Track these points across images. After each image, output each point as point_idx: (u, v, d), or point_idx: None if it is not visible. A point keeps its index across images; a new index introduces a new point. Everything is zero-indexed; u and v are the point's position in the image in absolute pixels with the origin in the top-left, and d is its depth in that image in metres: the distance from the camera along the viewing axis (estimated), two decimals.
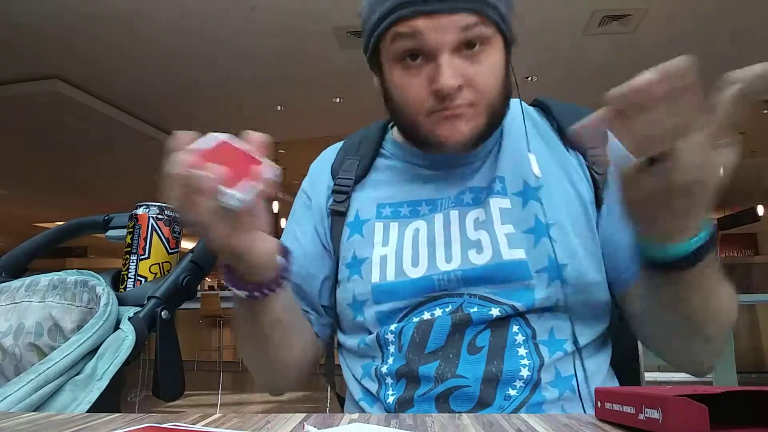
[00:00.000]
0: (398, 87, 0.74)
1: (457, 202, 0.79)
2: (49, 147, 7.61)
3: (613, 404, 0.41)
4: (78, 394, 0.61)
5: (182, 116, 7.02)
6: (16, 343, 0.73)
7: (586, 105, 0.81)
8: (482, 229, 0.76)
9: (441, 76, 0.69)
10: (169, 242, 0.81)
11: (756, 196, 10.24)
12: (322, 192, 0.88)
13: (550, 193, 0.76)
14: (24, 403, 0.57)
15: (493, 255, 0.74)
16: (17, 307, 0.76)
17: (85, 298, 0.73)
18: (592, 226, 0.76)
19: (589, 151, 0.78)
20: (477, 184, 0.80)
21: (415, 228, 0.79)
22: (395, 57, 0.73)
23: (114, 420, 0.44)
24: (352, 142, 0.92)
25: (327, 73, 5.83)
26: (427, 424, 0.41)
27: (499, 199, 0.77)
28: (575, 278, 0.72)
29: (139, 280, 0.78)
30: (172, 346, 0.75)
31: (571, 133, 0.53)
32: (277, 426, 0.41)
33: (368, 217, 0.82)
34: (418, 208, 0.81)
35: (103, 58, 5.39)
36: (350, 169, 0.87)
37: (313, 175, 0.92)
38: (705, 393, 0.35)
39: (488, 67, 0.72)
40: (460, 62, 0.70)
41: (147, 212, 0.80)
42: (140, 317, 0.71)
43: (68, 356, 0.62)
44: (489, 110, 0.73)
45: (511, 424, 0.41)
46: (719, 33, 4.98)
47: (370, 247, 0.80)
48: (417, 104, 0.73)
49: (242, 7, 4.55)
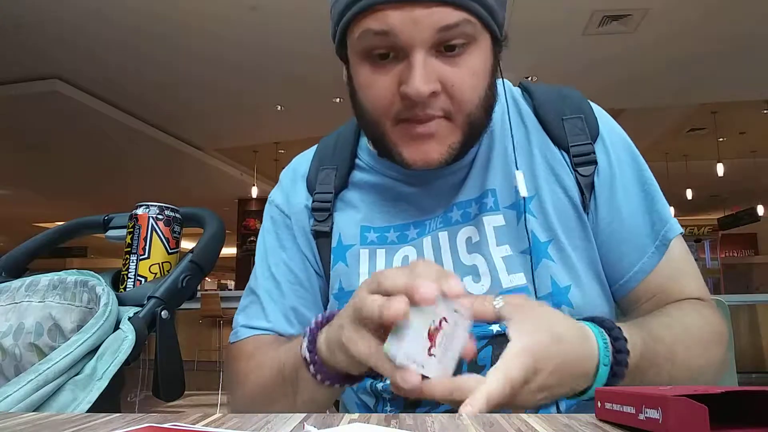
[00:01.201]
0: (363, 86, 0.65)
1: (445, 222, 0.73)
2: (49, 147, 7.62)
3: (613, 404, 0.41)
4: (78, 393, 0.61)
5: (182, 116, 7.03)
6: (16, 343, 0.73)
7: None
8: (476, 253, 0.71)
9: (412, 79, 0.59)
10: (169, 242, 0.80)
11: (756, 196, 10.24)
12: (300, 211, 0.80)
13: (542, 202, 0.71)
14: (24, 402, 0.58)
15: (492, 283, 0.69)
16: (17, 307, 0.76)
17: (85, 298, 0.73)
18: (588, 233, 0.72)
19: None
20: (464, 197, 0.73)
21: (403, 255, 0.73)
22: (362, 53, 0.63)
23: (114, 420, 0.44)
24: (325, 150, 0.83)
25: (327, 73, 5.82)
26: (427, 424, 0.41)
27: (492, 217, 0.72)
28: (580, 300, 0.68)
29: (139, 280, 0.78)
30: (172, 346, 0.74)
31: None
32: (277, 426, 0.41)
33: (352, 242, 0.76)
34: (405, 232, 0.75)
35: (103, 57, 5.39)
36: (327, 182, 0.79)
37: (286, 190, 0.84)
38: (705, 393, 0.35)
39: (470, 72, 0.62)
40: (437, 64, 0.61)
41: (147, 212, 0.80)
42: (140, 317, 0.71)
43: (68, 356, 0.62)
44: (466, 124, 0.64)
45: (511, 424, 0.41)
46: (719, 33, 4.98)
47: (355, 277, 0.74)
48: (383, 108, 0.64)
49: (243, 7, 4.55)
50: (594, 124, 0.74)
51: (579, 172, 0.72)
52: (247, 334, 0.79)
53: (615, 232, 0.72)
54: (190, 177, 9.32)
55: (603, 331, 0.55)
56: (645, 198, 0.73)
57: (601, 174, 0.73)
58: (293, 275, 0.79)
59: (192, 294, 0.80)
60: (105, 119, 6.60)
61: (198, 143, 8.20)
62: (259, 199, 10.42)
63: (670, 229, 0.72)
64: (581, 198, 0.72)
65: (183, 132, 7.68)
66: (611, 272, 0.73)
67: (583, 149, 0.72)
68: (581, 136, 0.73)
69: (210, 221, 0.85)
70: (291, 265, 0.79)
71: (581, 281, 0.69)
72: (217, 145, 8.40)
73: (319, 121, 7.37)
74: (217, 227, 0.84)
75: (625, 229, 0.72)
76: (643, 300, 0.73)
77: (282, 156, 8.71)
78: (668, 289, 0.72)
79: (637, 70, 5.66)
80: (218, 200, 10.51)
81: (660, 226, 0.72)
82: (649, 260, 0.72)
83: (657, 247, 0.72)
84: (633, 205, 0.73)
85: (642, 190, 0.74)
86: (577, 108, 0.75)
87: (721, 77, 5.92)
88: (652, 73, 5.76)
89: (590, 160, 0.72)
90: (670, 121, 7.33)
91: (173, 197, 1.00)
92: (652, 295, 0.73)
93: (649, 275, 0.72)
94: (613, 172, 0.73)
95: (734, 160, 8.56)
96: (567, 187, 0.72)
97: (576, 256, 0.70)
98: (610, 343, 0.54)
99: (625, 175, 0.74)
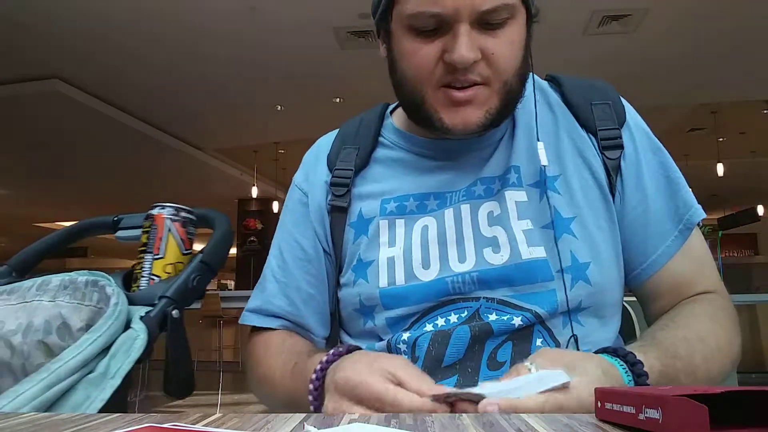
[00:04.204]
0: (407, 54, 0.68)
1: (468, 195, 0.74)
2: (49, 147, 7.61)
3: (613, 404, 0.41)
4: (91, 392, 0.62)
5: (182, 116, 7.02)
6: (25, 340, 0.74)
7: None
8: (497, 225, 0.71)
9: (458, 48, 0.63)
10: (184, 243, 0.81)
11: (756, 196, 10.23)
12: (319, 187, 0.82)
13: (568, 181, 0.72)
14: (37, 400, 0.58)
15: (511, 254, 0.69)
16: (27, 306, 0.77)
17: (95, 298, 0.74)
18: (612, 215, 0.72)
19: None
20: (489, 174, 0.74)
21: (423, 225, 0.73)
22: (410, 27, 0.67)
23: (114, 420, 0.44)
24: (348, 130, 0.85)
25: (327, 73, 5.83)
26: (427, 424, 0.41)
27: (514, 192, 0.72)
28: (598, 278, 0.68)
29: (152, 278, 0.79)
30: (183, 345, 0.75)
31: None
32: (277, 426, 0.41)
33: (372, 214, 0.76)
34: (425, 202, 0.75)
35: (103, 58, 5.39)
36: (348, 159, 0.80)
37: (307, 168, 0.86)
38: (705, 393, 0.35)
39: (508, 42, 0.66)
40: (479, 35, 0.65)
41: (162, 212, 0.80)
42: (152, 316, 0.72)
43: (79, 355, 0.62)
44: (504, 91, 0.68)
45: (511, 424, 0.41)
46: (719, 33, 4.98)
47: (375, 248, 0.74)
48: (425, 74, 0.67)
49: (242, 6, 4.55)
50: (621, 111, 0.77)
51: (606, 155, 0.74)
52: (252, 320, 0.82)
53: (640, 216, 0.73)
54: (190, 177, 9.31)
55: (618, 359, 0.57)
56: (669, 183, 0.75)
57: (627, 159, 0.74)
58: (302, 251, 0.81)
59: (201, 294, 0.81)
60: (105, 119, 6.59)
61: (198, 143, 8.20)
62: (259, 199, 10.41)
63: (694, 214, 0.74)
64: (608, 180, 0.73)
65: (183, 132, 7.68)
66: (634, 255, 0.74)
67: (610, 133, 0.74)
68: (609, 122, 0.75)
69: (219, 222, 0.86)
70: (302, 241, 0.81)
71: (602, 260, 0.70)
72: (217, 145, 8.39)
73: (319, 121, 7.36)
74: (226, 228, 0.86)
75: (650, 213, 0.73)
76: (663, 289, 0.74)
77: (282, 156, 8.70)
78: (688, 278, 0.73)
79: (637, 70, 5.66)
80: (218, 200, 10.50)
81: (684, 210, 0.74)
82: (673, 244, 0.73)
83: (680, 230, 0.73)
84: (658, 190, 0.74)
85: (665, 176, 0.75)
86: (606, 96, 0.78)
87: (721, 77, 5.92)
88: (652, 73, 5.75)
89: (617, 144, 0.74)
90: (670, 121, 7.33)
91: (173, 197, 1.00)
92: (672, 286, 0.73)
93: (671, 260, 0.73)
94: (639, 157, 0.75)
95: (734, 160, 8.55)
96: (594, 169, 0.73)
97: (599, 235, 0.71)
98: (629, 368, 0.56)
99: (650, 162, 0.76)
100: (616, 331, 0.74)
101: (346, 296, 0.76)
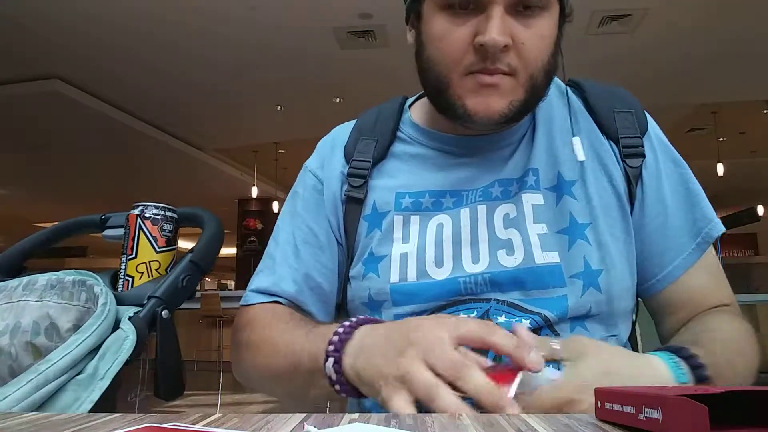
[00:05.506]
0: (437, 37, 0.67)
1: (485, 196, 0.73)
2: (49, 147, 7.61)
3: (613, 404, 0.41)
4: (80, 393, 0.61)
5: (182, 116, 7.03)
6: (12, 342, 0.73)
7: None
8: (513, 228, 0.71)
9: (489, 30, 0.62)
10: (157, 241, 0.80)
11: (756, 196, 10.23)
12: (335, 177, 0.80)
13: (586, 187, 0.71)
14: (25, 402, 0.57)
15: (525, 257, 0.68)
16: (14, 306, 0.76)
17: (83, 298, 0.73)
18: (628, 225, 0.72)
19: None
20: (507, 176, 0.74)
21: (438, 223, 0.73)
22: (442, 4, 0.66)
23: (114, 420, 0.44)
24: (366, 121, 0.84)
25: (327, 73, 5.83)
26: (427, 424, 0.41)
27: (531, 195, 0.71)
28: (609, 286, 0.68)
29: (126, 279, 0.78)
30: (172, 346, 0.75)
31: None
32: (277, 426, 0.41)
33: (386, 209, 0.75)
34: (441, 199, 0.74)
35: (103, 58, 5.40)
36: (366, 151, 0.79)
37: (323, 156, 0.84)
38: (705, 393, 0.35)
39: (539, 34, 0.66)
40: (512, 21, 0.64)
41: (134, 212, 0.80)
42: (140, 317, 0.71)
43: (68, 356, 0.61)
44: (530, 84, 0.67)
45: (511, 424, 0.41)
46: (719, 33, 4.98)
47: (388, 243, 0.73)
48: (454, 59, 0.66)
49: (242, 6, 4.55)
50: (643, 120, 0.77)
51: (627, 163, 0.73)
52: (257, 300, 0.80)
53: (659, 227, 0.73)
54: (190, 177, 9.32)
55: (669, 353, 0.57)
56: (688, 196, 0.75)
57: (648, 168, 0.74)
58: (315, 238, 0.80)
59: (191, 294, 0.80)
60: (105, 119, 6.60)
61: (198, 143, 8.20)
62: (259, 199, 10.41)
63: (713, 228, 0.73)
64: (627, 190, 0.73)
65: (183, 132, 7.68)
66: (650, 266, 0.73)
67: (632, 141, 0.74)
68: (631, 130, 0.75)
69: (208, 221, 0.85)
70: (314, 228, 0.80)
71: (614, 270, 0.69)
72: (217, 145, 8.39)
73: (319, 121, 7.36)
74: (216, 227, 0.84)
75: (668, 225, 0.73)
76: (677, 302, 0.73)
77: (282, 156, 8.71)
78: (704, 291, 0.73)
79: (637, 70, 5.66)
80: (218, 200, 10.50)
81: (703, 224, 0.73)
82: (689, 257, 0.72)
83: (698, 244, 0.72)
84: (677, 202, 0.74)
85: (686, 188, 0.75)
86: (628, 104, 0.77)
87: (721, 77, 5.92)
88: (652, 73, 5.75)
89: (639, 153, 0.74)
90: (670, 121, 7.33)
91: (173, 197, 1.00)
92: (687, 299, 0.73)
93: (686, 273, 0.72)
94: (659, 168, 0.75)
95: (734, 160, 8.55)
96: (613, 178, 0.73)
97: (613, 244, 0.70)
98: (684, 362, 0.56)
99: (671, 173, 0.75)
100: (624, 339, 0.74)
101: (355, 289, 0.76)
